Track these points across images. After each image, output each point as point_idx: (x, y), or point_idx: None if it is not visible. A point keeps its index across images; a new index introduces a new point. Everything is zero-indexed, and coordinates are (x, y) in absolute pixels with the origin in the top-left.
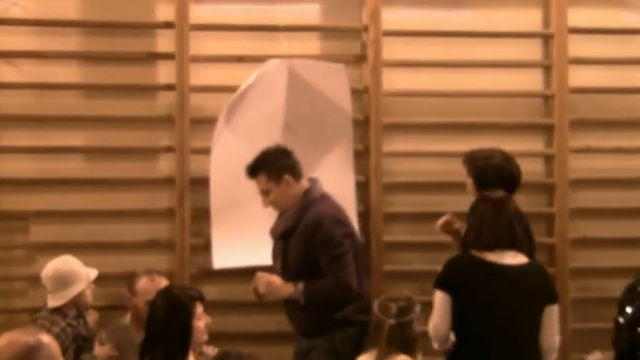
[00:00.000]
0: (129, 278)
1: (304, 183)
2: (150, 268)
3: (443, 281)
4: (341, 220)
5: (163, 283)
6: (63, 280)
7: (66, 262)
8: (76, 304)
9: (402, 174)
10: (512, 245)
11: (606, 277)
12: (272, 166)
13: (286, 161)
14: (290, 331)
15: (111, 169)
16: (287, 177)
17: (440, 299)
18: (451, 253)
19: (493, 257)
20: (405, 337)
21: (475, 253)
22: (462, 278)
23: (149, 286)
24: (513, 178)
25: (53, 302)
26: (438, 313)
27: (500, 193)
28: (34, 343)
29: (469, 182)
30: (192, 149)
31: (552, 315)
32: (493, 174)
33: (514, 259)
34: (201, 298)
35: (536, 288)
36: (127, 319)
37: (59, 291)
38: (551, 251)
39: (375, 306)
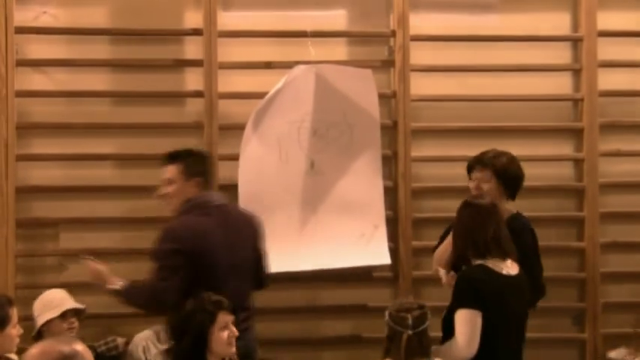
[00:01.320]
0: None
1: (204, 193)
2: None
3: (474, 300)
4: (178, 236)
5: None
6: (41, 308)
7: (52, 292)
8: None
9: (430, 179)
10: (509, 253)
11: (637, 281)
12: (193, 162)
13: (207, 166)
14: (311, 338)
15: (140, 176)
16: (198, 179)
17: (471, 317)
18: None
19: (498, 266)
20: (423, 345)
21: (483, 263)
22: (489, 292)
23: None
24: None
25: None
26: (473, 333)
27: (487, 199)
28: (69, 352)
29: (492, 186)
30: (220, 156)
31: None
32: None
33: (512, 268)
34: (229, 309)
35: (526, 296)
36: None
37: (37, 319)
38: (581, 256)
39: (389, 318)
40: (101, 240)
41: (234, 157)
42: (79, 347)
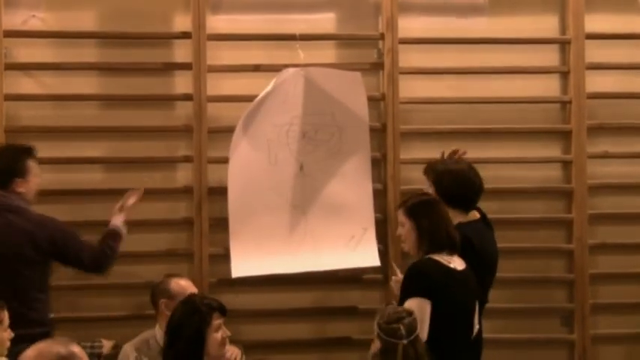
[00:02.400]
0: (156, 288)
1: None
2: (170, 273)
3: (423, 288)
4: None
5: (185, 281)
6: None
7: None
8: None
9: (419, 182)
10: (456, 247)
11: (626, 283)
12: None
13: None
14: (301, 340)
15: (129, 180)
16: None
17: (421, 306)
18: None
19: (446, 260)
20: (418, 353)
21: (435, 257)
22: (438, 284)
23: (183, 284)
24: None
25: None
26: (422, 320)
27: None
28: (66, 354)
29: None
30: (210, 159)
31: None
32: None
33: (459, 263)
34: (221, 310)
35: (474, 291)
36: (151, 331)
37: None
38: (569, 257)
39: (380, 331)
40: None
41: (224, 160)
42: (76, 349)
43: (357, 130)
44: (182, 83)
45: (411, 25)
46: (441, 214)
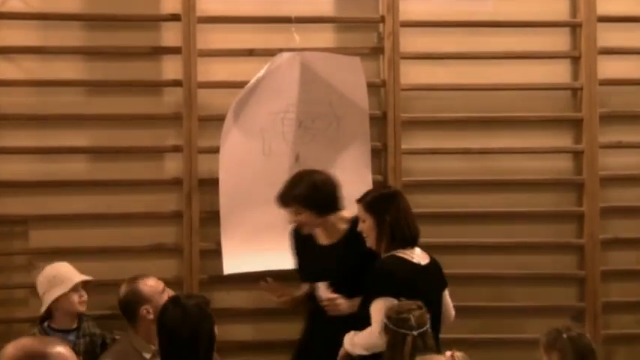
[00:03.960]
0: (129, 299)
1: None
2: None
3: (391, 288)
4: None
5: (151, 279)
6: (44, 285)
7: (54, 267)
8: (70, 315)
9: (421, 173)
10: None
11: (639, 279)
12: None
13: None
14: (296, 341)
15: (115, 170)
16: None
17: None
18: (477, 256)
19: (410, 255)
20: (428, 347)
21: (399, 254)
22: (405, 283)
23: (151, 283)
24: None
25: (41, 309)
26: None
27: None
28: (52, 353)
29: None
30: (200, 148)
31: (447, 297)
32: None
33: (422, 257)
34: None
35: (439, 285)
36: (125, 341)
37: (43, 296)
38: (580, 253)
39: (388, 322)
40: (74, 239)
41: (215, 150)
42: (62, 349)
43: (356, 119)
44: (171, 68)
45: (413, 7)
46: (403, 208)
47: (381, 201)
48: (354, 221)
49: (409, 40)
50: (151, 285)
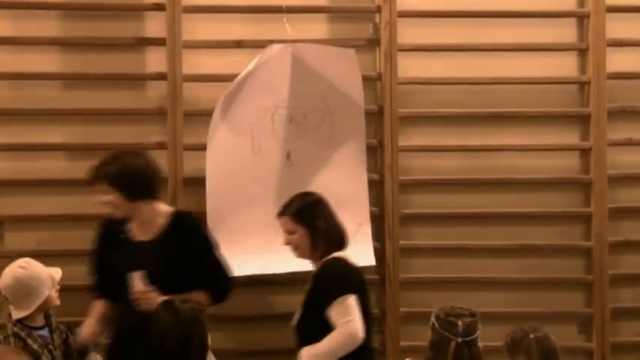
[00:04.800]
0: None
1: None
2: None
3: (348, 286)
4: None
5: None
6: (26, 287)
7: (26, 267)
8: (44, 311)
9: (420, 171)
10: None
11: None
12: None
13: None
14: (289, 349)
15: None
16: None
17: (357, 301)
18: (478, 260)
19: (348, 257)
20: (473, 357)
21: (341, 256)
22: (356, 281)
23: None
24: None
25: (19, 313)
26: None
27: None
28: None
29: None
30: (185, 146)
31: None
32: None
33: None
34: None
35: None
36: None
37: (24, 299)
38: (587, 256)
39: (436, 321)
40: (51, 240)
41: (201, 148)
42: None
43: (351, 114)
44: (155, 61)
45: None
46: (330, 211)
47: (309, 208)
48: (175, 215)
49: (407, 31)
50: None
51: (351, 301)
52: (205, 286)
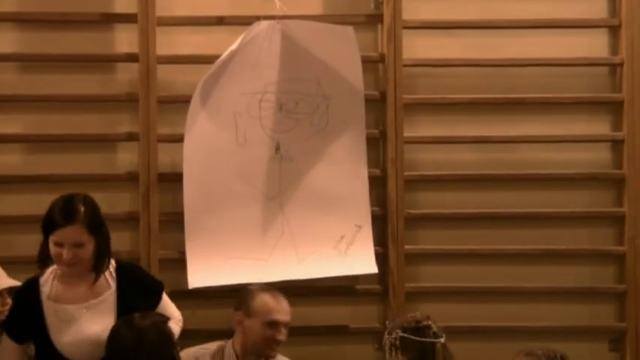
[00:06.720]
0: (239, 294)
1: None
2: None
3: None
4: None
5: (284, 304)
6: None
7: None
8: None
9: (428, 166)
10: None
11: None
12: None
13: None
14: None
15: (56, 164)
16: None
17: None
18: (494, 267)
19: None
20: (452, 357)
21: None
22: None
23: (271, 304)
24: None
25: None
26: None
27: None
28: None
29: None
30: (160, 136)
31: None
32: None
33: None
34: None
35: None
36: (219, 344)
37: None
38: (620, 262)
39: (407, 334)
40: (7, 245)
41: (178, 139)
42: None
43: (349, 101)
44: (124, 40)
45: None
46: None
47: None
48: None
49: (413, 5)
50: (266, 299)
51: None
52: None
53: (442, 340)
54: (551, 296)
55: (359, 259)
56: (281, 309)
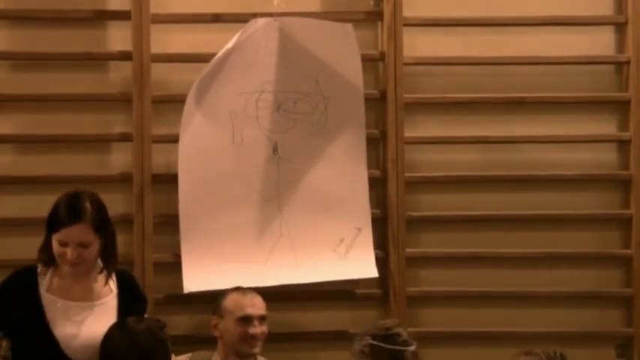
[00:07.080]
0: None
1: None
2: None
3: None
4: None
5: (256, 299)
6: None
7: None
8: None
9: (429, 167)
10: None
11: None
12: None
13: None
14: None
15: (48, 164)
16: None
17: None
18: (498, 270)
19: None
20: None
21: None
22: None
23: (240, 300)
24: None
25: None
26: None
27: None
28: None
29: None
30: (154, 137)
31: None
32: None
33: None
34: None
35: None
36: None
37: None
38: (627, 266)
39: (378, 342)
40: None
41: (173, 139)
42: None
43: (349, 100)
44: (118, 37)
45: None
46: None
47: None
48: None
49: (413, 2)
50: (234, 297)
51: None
52: None
53: (412, 348)
54: (556, 300)
55: (359, 263)
56: (251, 303)
